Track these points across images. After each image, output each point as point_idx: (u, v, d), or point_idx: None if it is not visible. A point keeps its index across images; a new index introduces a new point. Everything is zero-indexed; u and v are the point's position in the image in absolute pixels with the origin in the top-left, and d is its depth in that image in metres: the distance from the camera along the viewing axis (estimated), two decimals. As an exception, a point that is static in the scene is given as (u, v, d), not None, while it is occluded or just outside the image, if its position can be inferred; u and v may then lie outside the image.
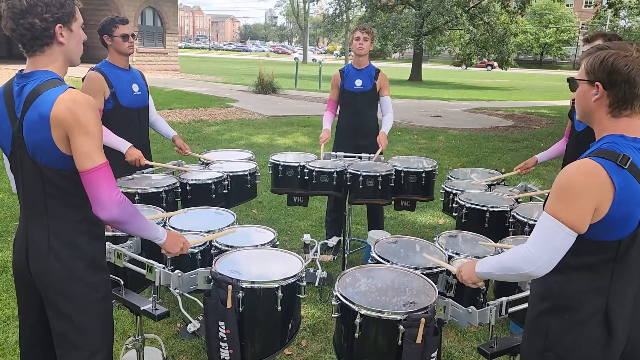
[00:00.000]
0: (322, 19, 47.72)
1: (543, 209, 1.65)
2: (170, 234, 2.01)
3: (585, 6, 63.37)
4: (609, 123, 1.60)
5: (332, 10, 36.70)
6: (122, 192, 2.98)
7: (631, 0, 22.73)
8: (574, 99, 1.68)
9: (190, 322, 3.21)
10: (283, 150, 7.30)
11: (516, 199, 3.31)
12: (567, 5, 59.01)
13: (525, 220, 2.93)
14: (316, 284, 3.87)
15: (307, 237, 4.36)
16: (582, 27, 56.25)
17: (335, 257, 4.48)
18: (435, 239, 2.65)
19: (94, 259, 1.86)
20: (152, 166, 3.62)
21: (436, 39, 33.42)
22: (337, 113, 4.53)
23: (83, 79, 3.42)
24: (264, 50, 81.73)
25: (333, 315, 2.02)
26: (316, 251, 4.22)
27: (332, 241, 4.54)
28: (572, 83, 1.71)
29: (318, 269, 4.01)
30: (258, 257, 2.29)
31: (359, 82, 4.33)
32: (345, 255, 4.14)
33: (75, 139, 1.68)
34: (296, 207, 5.05)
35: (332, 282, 3.79)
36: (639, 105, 1.57)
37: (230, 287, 1.95)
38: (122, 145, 3.37)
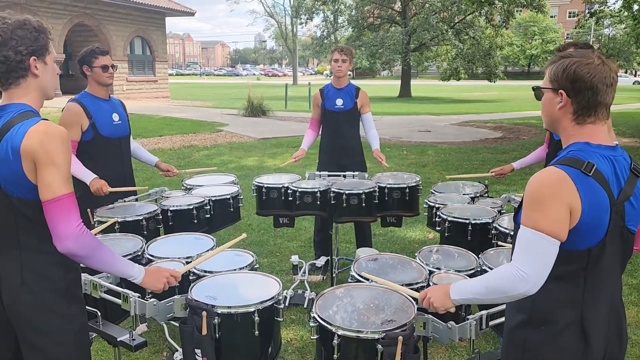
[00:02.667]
0: (310, 41, 48.24)
1: (514, 220, 1.64)
2: (150, 271, 1.92)
3: (570, 17, 64.35)
4: (574, 130, 1.60)
5: (320, 32, 37.15)
6: (102, 221, 2.96)
7: (612, 9, 23.13)
8: None
9: (177, 350, 3.16)
10: (273, 172, 7.29)
11: (499, 211, 3.31)
12: (552, 17, 59.92)
13: (508, 231, 2.92)
14: (305, 305, 3.86)
15: (295, 258, 4.34)
16: (566, 38, 57.07)
17: (325, 277, 4.45)
18: (416, 254, 2.64)
19: (68, 290, 1.84)
20: (130, 194, 3.60)
21: (423, 55, 33.78)
22: (320, 132, 4.54)
23: (63, 109, 3.43)
24: (254, 74, 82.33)
25: (312, 337, 1.99)
26: (304, 272, 4.21)
27: (320, 261, 4.52)
28: (537, 91, 1.72)
29: (307, 290, 4.00)
30: (236, 282, 2.27)
31: (339, 102, 4.35)
32: (334, 275, 4.11)
33: (41, 169, 1.68)
34: (285, 228, 5.03)
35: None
36: (602, 112, 1.58)
37: (204, 313, 1.93)
38: (87, 175, 3.33)
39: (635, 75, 59.47)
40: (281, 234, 5.53)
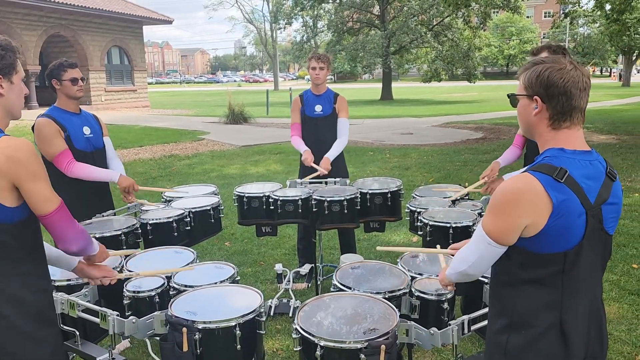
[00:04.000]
0: (291, 46, 48.27)
1: None
2: (100, 246, 2.12)
3: (545, 17, 65.51)
4: (550, 135, 1.62)
5: (300, 37, 37.20)
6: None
7: (586, 9, 23.63)
8: None
9: (161, 366, 3.11)
10: (256, 180, 7.24)
11: (479, 214, 3.32)
12: (528, 17, 60.90)
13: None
14: (290, 314, 3.83)
15: (278, 267, 4.31)
16: (543, 37, 58.06)
17: (310, 285, 4.43)
18: (398, 260, 2.63)
19: (39, 313, 1.79)
20: (109, 207, 3.54)
21: (404, 57, 34.06)
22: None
23: (32, 127, 3.34)
24: (235, 80, 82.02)
25: (295, 349, 1.97)
26: (289, 280, 4.18)
27: (305, 269, 4.49)
28: (512, 99, 1.73)
29: (291, 298, 3.97)
30: (216, 295, 2.24)
31: (318, 108, 4.35)
32: (319, 282, 4.09)
33: (28, 186, 1.68)
34: (269, 237, 5.00)
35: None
36: (577, 117, 1.60)
37: (185, 329, 1.90)
38: (112, 175, 3.43)
39: (610, 73, 60.59)
40: (265, 243, 5.50)
